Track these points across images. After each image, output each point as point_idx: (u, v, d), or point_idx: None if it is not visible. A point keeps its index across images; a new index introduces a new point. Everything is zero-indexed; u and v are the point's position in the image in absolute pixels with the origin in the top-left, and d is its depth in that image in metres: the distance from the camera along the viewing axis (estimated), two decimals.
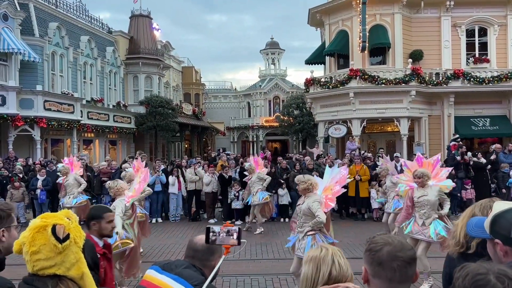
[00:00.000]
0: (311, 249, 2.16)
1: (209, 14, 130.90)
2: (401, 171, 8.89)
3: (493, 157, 13.82)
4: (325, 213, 5.78)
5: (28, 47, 18.68)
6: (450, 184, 7.14)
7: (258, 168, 11.46)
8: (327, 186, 6.20)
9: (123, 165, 12.89)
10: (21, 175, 12.97)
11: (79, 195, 10.80)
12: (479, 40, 20.42)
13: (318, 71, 25.29)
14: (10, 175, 12.92)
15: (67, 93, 20.84)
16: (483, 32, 20.44)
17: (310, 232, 5.75)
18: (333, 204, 6.21)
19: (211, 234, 2.29)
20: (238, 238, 2.29)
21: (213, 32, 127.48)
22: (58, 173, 11.70)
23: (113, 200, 6.94)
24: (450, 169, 7.84)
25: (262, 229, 11.00)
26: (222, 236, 2.28)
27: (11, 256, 2.20)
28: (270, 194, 11.67)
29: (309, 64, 22.82)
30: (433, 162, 7.20)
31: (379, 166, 11.80)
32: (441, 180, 7.03)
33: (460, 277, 1.40)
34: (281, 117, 32.27)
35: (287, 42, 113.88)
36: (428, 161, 7.36)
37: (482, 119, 19.52)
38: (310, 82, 20.96)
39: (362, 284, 1.91)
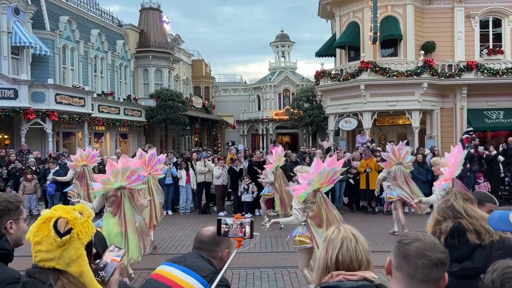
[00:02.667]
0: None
1: (219, 6, 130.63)
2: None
3: (501, 148, 13.65)
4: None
5: (40, 40, 18.81)
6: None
7: (274, 161, 10.77)
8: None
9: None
10: (33, 168, 13.12)
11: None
12: (493, 31, 20.06)
13: (329, 64, 25.10)
14: (23, 167, 13.07)
15: (78, 86, 20.98)
16: (497, 23, 20.06)
17: (304, 222, 5.60)
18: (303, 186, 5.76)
19: (223, 226, 2.27)
20: (251, 231, 2.26)
21: (223, 24, 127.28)
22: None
23: None
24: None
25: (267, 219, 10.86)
26: (234, 229, 2.25)
27: (20, 247, 2.21)
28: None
29: (319, 57, 22.64)
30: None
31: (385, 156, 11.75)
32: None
33: (491, 271, 1.42)
34: (291, 110, 32.13)
35: (298, 35, 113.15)
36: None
37: (496, 111, 19.23)
38: (320, 75, 20.81)
39: (385, 275, 1.86)
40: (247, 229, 2.25)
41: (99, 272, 1.70)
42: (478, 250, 2.49)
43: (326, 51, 22.46)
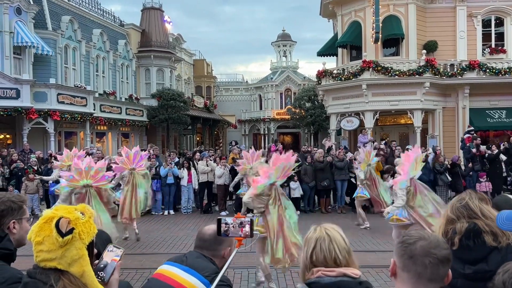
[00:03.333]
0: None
1: (221, 5, 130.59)
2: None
3: (502, 147, 13.64)
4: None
5: (42, 40, 18.84)
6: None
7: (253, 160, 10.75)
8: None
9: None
10: (35, 167, 13.14)
11: None
12: (495, 30, 20.00)
13: (330, 63, 25.11)
14: (25, 167, 13.10)
15: (80, 86, 21.01)
16: (499, 22, 20.01)
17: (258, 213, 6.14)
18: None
19: (223, 225, 2.27)
20: (251, 229, 2.25)
21: (225, 23, 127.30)
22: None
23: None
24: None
25: None
26: (234, 228, 2.25)
27: (23, 247, 2.21)
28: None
29: (321, 56, 22.60)
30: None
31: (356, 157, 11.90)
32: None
33: (501, 272, 1.40)
34: (293, 109, 32.11)
35: (299, 34, 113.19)
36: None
37: (498, 111, 19.17)
38: (322, 74, 20.79)
39: (389, 277, 1.88)
40: (247, 228, 2.25)
41: (98, 272, 1.70)
42: (494, 253, 2.39)
43: (328, 50, 22.43)
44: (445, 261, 1.66)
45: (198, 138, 36.13)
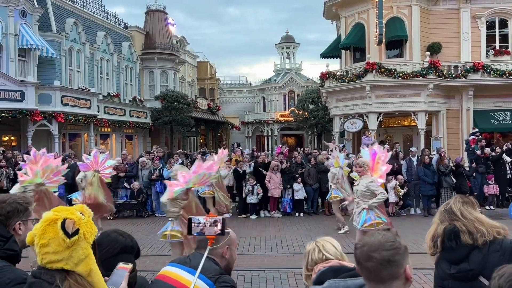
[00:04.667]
0: None
1: (224, 7, 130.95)
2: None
3: (505, 147, 13.59)
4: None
5: (46, 43, 18.94)
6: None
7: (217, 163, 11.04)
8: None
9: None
10: None
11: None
12: (499, 32, 19.93)
13: (334, 65, 25.07)
14: None
15: (84, 88, 21.10)
16: (503, 23, 19.94)
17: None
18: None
19: (193, 224, 2.28)
20: (222, 228, 2.27)
21: (228, 25, 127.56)
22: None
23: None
24: (389, 166, 7.89)
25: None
26: (207, 227, 2.27)
27: (28, 248, 2.23)
28: (211, 189, 11.09)
29: (324, 58, 22.61)
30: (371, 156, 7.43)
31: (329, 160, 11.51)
32: (380, 176, 7.27)
33: (497, 276, 1.39)
34: (296, 111, 32.09)
35: (303, 35, 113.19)
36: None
37: (502, 113, 19.09)
38: (325, 76, 20.78)
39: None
40: (219, 226, 2.26)
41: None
42: (475, 252, 2.48)
43: (331, 52, 22.42)
44: (385, 263, 1.63)
45: (201, 140, 36.18)
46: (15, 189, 6.89)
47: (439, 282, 2.65)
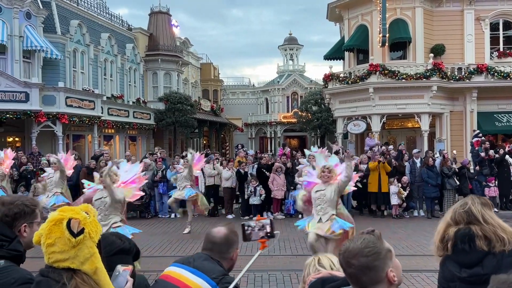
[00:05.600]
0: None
1: (228, 9, 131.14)
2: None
3: (507, 149, 13.56)
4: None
5: (51, 44, 19.04)
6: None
7: (196, 165, 10.71)
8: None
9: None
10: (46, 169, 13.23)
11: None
12: (503, 33, 19.88)
13: (337, 67, 25.11)
14: (35, 169, 13.21)
15: (88, 89, 21.19)
16: (507, 25, 19.89)
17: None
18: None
19: (247, 229, 2.29)
20: (271, 230, 2.28)
21: (232, 26, 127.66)
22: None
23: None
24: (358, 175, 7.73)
25: (189, 230, 10.49)
26: (256, 231, 2.27)
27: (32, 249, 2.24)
28: (198, 192, 10.81)
29: (328, 60, 22.60)
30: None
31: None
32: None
33: (494, 286, 1.38)
34: (299, 113, 32.09)
35: (306, 37, 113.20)
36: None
37: (506, 115, 19.03)
38: (328, 78, 20.78)
39: None
40: (268, 228, 2.27)
41: None
42: (489, 257, 2.38)
43: (334, 54, 22.41)
44: (365, 269, 1.61)
45: (204, 141, 36.23)
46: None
47: (444, 284, 2.56)
